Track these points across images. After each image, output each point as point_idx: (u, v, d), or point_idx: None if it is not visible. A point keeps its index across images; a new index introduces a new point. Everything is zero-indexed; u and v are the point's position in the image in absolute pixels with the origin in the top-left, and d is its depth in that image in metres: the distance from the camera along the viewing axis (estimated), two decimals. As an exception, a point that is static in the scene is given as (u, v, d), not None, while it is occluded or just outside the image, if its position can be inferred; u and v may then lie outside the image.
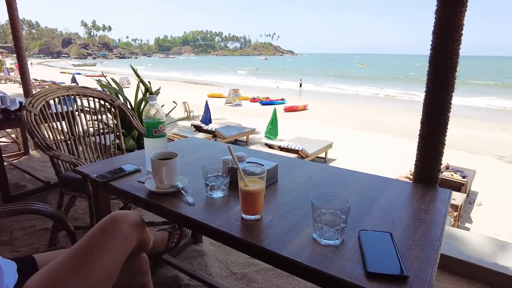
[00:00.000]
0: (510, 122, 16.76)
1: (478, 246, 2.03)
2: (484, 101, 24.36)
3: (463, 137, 12.60)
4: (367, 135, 12.49)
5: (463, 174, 7.21)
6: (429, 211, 1.09)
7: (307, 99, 22.55)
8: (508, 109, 21.24)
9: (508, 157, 10.19)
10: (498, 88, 33.20)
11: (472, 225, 6.35)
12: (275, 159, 1.51)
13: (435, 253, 0.85)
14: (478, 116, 18.27)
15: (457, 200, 5.82)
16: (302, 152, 8.35)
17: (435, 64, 1.25)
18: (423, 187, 1.29)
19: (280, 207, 1.11)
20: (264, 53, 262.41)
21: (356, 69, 67.84)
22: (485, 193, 7.54)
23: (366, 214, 1.07)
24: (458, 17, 1.21)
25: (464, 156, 10.04)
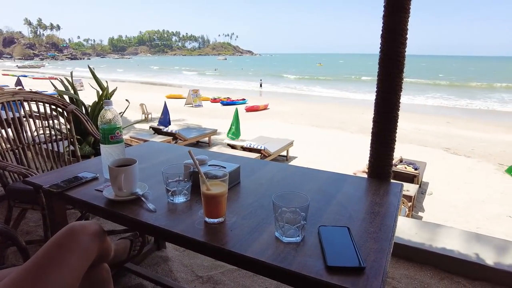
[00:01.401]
0: (454, 116, 18.13)
1: (429, 233, 2.19)
2: (432, 98, 26.11)
3: (414, 131, 13.42)
4: (326, 132, 12.89)
5: (415, 166, 7.68)
6: (383, 204, 1.16)
7: (268, 99, 22.81)
8: (450, 106, 22.93)
9: (453, 148, 11.02)
10: (443, 86, 35.71)
11: (425, 213, 6.79)
12: (237, 160, 1.52)
13: (388, 243, 0.92)
14: (426, 111, 19.58)
15: (411, 191, 6.19)
16: (264, 151, 8.45)
17: (384, 66, 1.33)
18: (377, 181, 1.36)
19: (243, 208, 1.13)
20: (223, 53, 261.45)
21: (314, 68, 69.69)
22: (435, 183, 8.09)
23: (325, 210, 1.11)
24: (402, 22, 1.30)
25: (415, 149, 10.70)
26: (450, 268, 1.94)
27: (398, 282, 1.86)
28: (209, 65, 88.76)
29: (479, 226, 6.25)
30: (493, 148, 11.09)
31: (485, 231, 6.07)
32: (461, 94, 28.26)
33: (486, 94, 28.72)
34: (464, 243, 2.07)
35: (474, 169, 9.23)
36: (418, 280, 1.88)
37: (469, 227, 6.18)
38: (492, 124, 15.68)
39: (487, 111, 20.95)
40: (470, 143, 11.75)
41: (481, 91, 30.78)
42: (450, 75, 50.76)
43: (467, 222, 6.37)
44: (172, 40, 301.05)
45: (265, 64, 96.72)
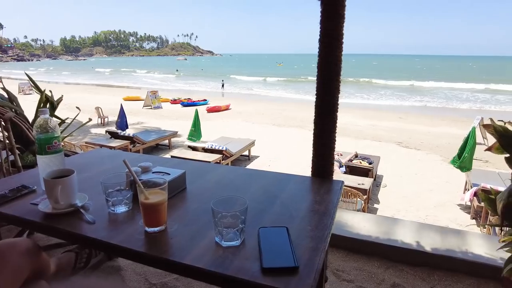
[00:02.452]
0: (405, 111, 19.22)
1: (376, 226, 2.31)
2: (385, 96, 27.46)
3: (369, 127, 14.06)
4: (287, 131, 13.14)
5: (369, 160, 8.06)
6: (322, 202, 1.21)
7: (230, 99, 22.77)
8: (402, 103, 24.28)
9: (405, 142, 11.69)
10: (394, 85, 37.73)
11: (380, 205, 7.15)
12: (185, 166, 1.51)
13: (323, 241, 0.96)
14: (380, 108, 20.59)
15: (366, 184, 6.49)
16: (226, 152, 8.44)
17: (322, 69, 1.39)
18: (319, 180, 1.42)
19: (186, 214, 1.13)
20: (183, 53, 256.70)
21: (274, 68, 70.54)
22: (389, 175, 8.55)
23: (267, 211, 1.14)
24: (338, 28, 1.37)
25: (370, 144, 11.23)
26: (394, 257, 2.06)
27: (348, 274, 1.95)
28: (168, 65, 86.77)
29: (428, 214, 6.70)
30: (440, 141, 11.91)
31: (433, 218, 6.53)
32: (412, 92, 29.99)
33: (433, 91, 30.70)
34: (407, 232, 2.21)
35: (423, 160, 9.87)
36: (366, 271, 1.98)
37: (419, 215, 6.61)
38: (438, 119, 16.84)
39: (434, 107, 22.42)
40: (419, 136, 12.53)
41: (429, 89, 32.85)
42: (403, 73, 53.71)
43: (418, 210, 6.80)
44: (130, 40, 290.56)
45: (226, 65, 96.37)
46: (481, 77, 43.55)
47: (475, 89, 31.75)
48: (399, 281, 1.92)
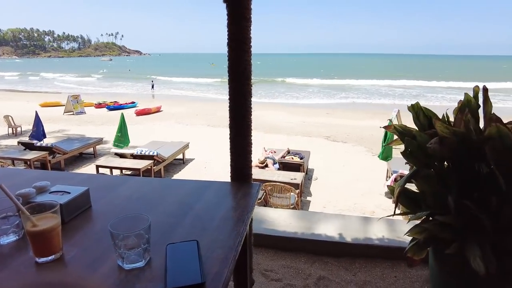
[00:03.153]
0: (332, 108, 20.46)
1: (302, 222, 2.39)
2: (313, 93, 28.91)
3: (299, 124, 14.67)
4: (222, 131, 13.08)
5: (300, 155, 8.40)
6: (238, 208, 1.20)
7: (161, 101, 21.95)
8: (326, 101, 25.83)
9: (333, 136, 12.43)
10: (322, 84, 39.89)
11: (312, 197, 7.49)
12: (92, 181, 1.39)
13: (234, 251, 0.94)
14: (309, 106, 21.66)
15: (298, 179, 6.75)
16: (158, 157, 8.10)
17: (232, 73, 1.38)
18: (238, 184, 1.41)
19: (88, 237, 1.02)
20: (108, 54, 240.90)
21: (207, 68, 69.79)
22: (319, 169, 9.00)
23: (179, 224, 1.09)
24: (245, 31, 1.36)
25: (301, 140, 11.72)
26: (320, 251, 2.16)
27: (276, 273, 1.98)
28: (91, 67, 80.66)
29: (356, 202, 7.20)
30: (364, 133, 12.89)
31: (361, 205, 7.02)
32: (339, 89, 32.02)
33: (357, 88, 33.16)
34: (330, 226, 2.32)
35: (350, 152, 10.59)
36: (294, 268, 2.03)
37: (348, 204, 7.06)
38: (362, 113, 18.23)
39: (359, 103, 24.22)
40: (346, 130, 13.42)
41: (354, 86, 35.40)
42: (331, 72, 56.99)
43: (346, 200, 7.27)
44: (45, 40, 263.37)
45: (155, 65, 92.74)
46: (398, 74, 48.16)
47: (392, 85, 34.97)
48: (325, 274, 2.00)
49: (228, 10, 1.34)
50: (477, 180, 1.70)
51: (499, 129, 1.58)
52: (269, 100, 24.30)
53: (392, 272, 2.08)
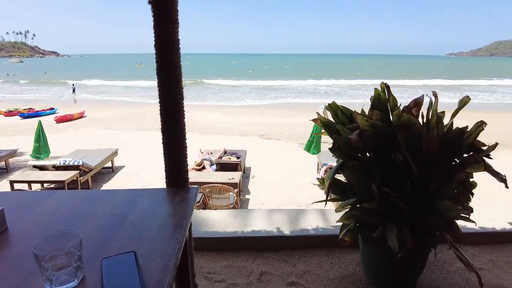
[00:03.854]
0: (265, 107, 21.00)
1: (241, 220, 2.42)
2: (246, 94, 29.30)
3: (234, 123, 14.78)
4: (153, 134, 12.57)
5: (237, 155, 8.48)
6: (175, 214, 1.17)
7: (84, 106, 20.30)
8: (259, 101, 26.46)
9: (267, 134, 12.77)
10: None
11: (251, 195, 7.61)
12: (5, 200, 1.24)
13: (174, 258, 0.92)
14: (243, 106, 21.94)
15: (236, 178, 6.80)
16: (84, 167, 7.49)
17: (162, 76, 1.34)
18: (174, 190, 1.38)
19: (5, 264, 0.92)
20: (17, 55, 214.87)
21: (134, 70, 66.31)
22: (256, 166, 9.18)
23: (113, 237, 1.03)
24: (172, 32, 1.33)
25: (237, 139, 11.83)
26: (259, 247, 2.21)
27: (219, 275, 1.98)
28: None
29: (292, 196, 7.50)
30: (295, 130, 13.47)
31: (296, 198, 7.34)
32: (269, 89, 32.91)
33: (285, 88, 34.46)
34: (268, 221, 2.39)
35: (283, 149, 10.98)
36: (236, 267, 2.05)
37: (284, 198, 7.33)
38: (292, 111, 19.03)
39: (289, 102, 25.20)
40: (278, 128, 13.89)
41: (283, 86, 36.72)
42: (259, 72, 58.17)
43: (283, 194, 7.54)
44: None
45: (76, 67, 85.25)
46: (320, 74, 51.13)
47: (317, 84, 37.05)
48: (266, 269, 2.06)
49: (154, 12, 1.30)
50: (394, 167, 1.90)
51: (409, 119, 1.79)
52: (202, 101, 24.05)
53: (328, 259, 2.22)
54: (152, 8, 1.30)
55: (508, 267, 2.27)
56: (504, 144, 10.52)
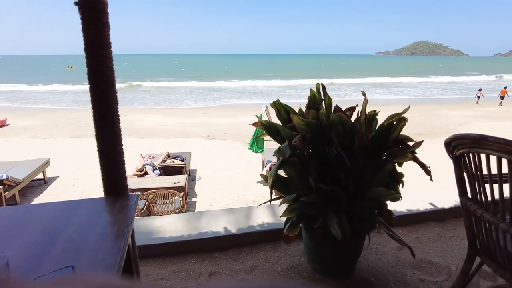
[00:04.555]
0: (208, 107, 20.84)
1: (188, 223, 2.40)
2: (188, 95, 28.72)
3: (177, 125, 14.44)
4: (89, 141, 11.79)
5: (182, 158, 8.31)
6: (116, 223, 1.14)
7: (5, 113, 18.26)
8: (201, 101, 26.17)
9: (211, 135, 12.69)
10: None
11: (198, 197, 7.52)
12: None
13: (116, 267, 0.91)
14: (185, 107, 21.52)
15: (181, 181, 6.67)
16: (9, 181, 6.76)
17: (94, 81, 1.29)
18: (113, 199, 1.34)
19: None
20: None
21: (64, 72, 61.15)
22: (202, 168, 9.09)
23: (47, 253, 0.98)
24: (103, 36, 1.29)
25: (181, 142, 11.58)
26: (207, 248, 2.22)
27: (167, 280, 1.95)
28: None
29: (239, 195, 7.57)
30: (239, 129, 13.57)
31: (244, 197, 7.42)
32: (210, 90, 32.65)
33: (226, 89, 34.51)
34: (216, 221, 2.41)
35: (229, 149, 11.01)
36: (184, 270, 2.04)
37: (232, 198, 7.37)
38: (235, 111, 19.13)
39: (232, 102, 25.27)
40: (223, 128, 13.88)
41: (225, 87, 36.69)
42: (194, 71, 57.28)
43: (230, 194, 7.57)
44: None
45: (-8, 70, 76.17)
46: (257, 74, 52.03)
47: (257, 85, 37.52)
48: (215, 269, 2.07)
49: (82, 14, 1.25)
50: (330, 161, 2.04)
51: (340, 117, 1.93)
52: (141, 104, 22.98)
53: (274, 252, 2.30)
54: (79, 10, 1.24)
55: (429, 242, 2.56)
56: (425, 133, 11.75)
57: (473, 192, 1.40)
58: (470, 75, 54.24)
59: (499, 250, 1.37)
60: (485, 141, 1.18)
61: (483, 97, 22.09)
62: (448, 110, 18.90)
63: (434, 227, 2.77)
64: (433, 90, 32.66)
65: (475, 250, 1.55)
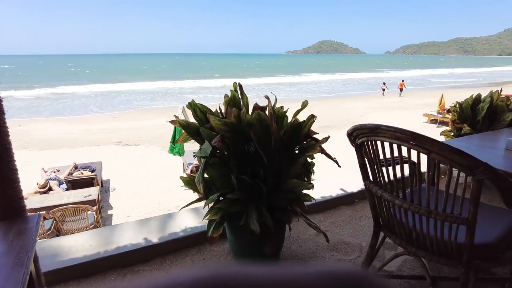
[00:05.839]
0: (117, 111, 19.46)
1: (103, 239, 2.21)
2: (86, 98, 26.33)
3: (84, 133, 13.17)
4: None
5: (91, 168, 7.61)
6: (12, 251, 0.99)
7: None
8: (115, 112, 24.36)
9: (124, 141, 11.89)
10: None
11: (114, 209, 6.99)
12: None
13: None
14: (91, 112, 19.72)
15: (93, 194, 6.11)
16: None
17: (-31, 88, 1.09)
18: (7, 223, 1.15)
19: None
20: None
21: None
22: (116, 178, 8.46)
23: None
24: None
25: (89, 151, 10.60)
26: (128, 263, 2.07)
27: (83, 305, 1.77)
28: None
29: (160, 202, 7.25)
30: (155, 132, 12.99)
31: (165, 204, 7.14)
32: (116, 92, 30.47)
33: (132, 92, 32.67)
34: (135, 233, 2.27)
35: (144, 154, 10.46)
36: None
37: (152, 206, 7.03)
38: (149, 113, 18.28)
39: (144, 104, 24.00)
40: (136, 132, 13.12)
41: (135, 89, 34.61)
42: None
43: (150, 202, 7.21)
44: None
45: None
46: (175, 75, 50.62)
47: (167, 86, 36.22)
48: (138, 283, 1.95)
49: None
50: (249, 158, 2.08)
51: (259, 115, 1.99)
52: (36, 113, 20.22)
53: (200, 256, 2.27)
54: None
55: (343, 224, 2.81)
56: (334, 125, 12.87)
57: (374, 175, 1.58)
58: (371, 72, 61.26)
59: (396, 223, 1.57)
60: (379, 130, 1.34)
61: (387, 90, 25.19)
62: (353, 103, 21.01)
63: (346, 210, 3.05)
64: (339, 85, 35.93)
65: (379, 226, 1.75)
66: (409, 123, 13.05)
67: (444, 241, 1.44)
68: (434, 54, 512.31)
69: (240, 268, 0.20)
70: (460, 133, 3.65)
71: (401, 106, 18.89)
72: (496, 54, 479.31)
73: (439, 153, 1.28)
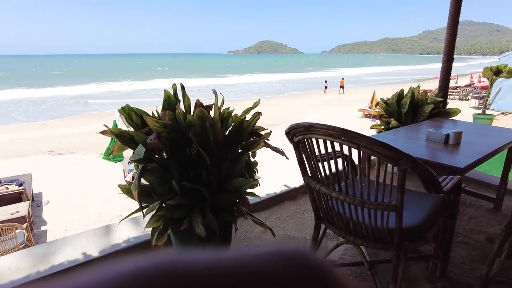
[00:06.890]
0: (49, 117, 17.88)
1: (35, 259, 2.03)
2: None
3: (8, 143, 11.90)
4: None
5: (19, 182, 6.90)
6: None
7: None
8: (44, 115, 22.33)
9: (56, 149, 10.97)
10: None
11: (48, 225, 6.42)
12: None
13: None
14: (16, 120, 17.85)
15: (22, 210, 5.54)
16: None
17: None
18: None
19: None
20: None
21: None
22: (49, 190, 7.77)
23: None
24: None
25: (15, 162, 9.62)
26: (64, 281, 1.92)
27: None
28: None
29: (101, 212, 6.82)
30: (91, 139, 12.17)
31: (107, 213, 6.73)
32: (43, 97, 28.00)
33: (58, 97, 30.32)
34: (72, 248, 2.11)
35: (81, 163, 9.76)
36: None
37: (93, 217, 6.59)
38: (84, 118, 17.08)
39: (80, 110, 22.35)
40: (70, 139, 12.19)
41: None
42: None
43: (90, 213, 6.75)
44: None
45: None
46: (112, 76, 47.91)
47: (105, 89, 34.17)
48: (77, 302, 1.82)
49: None
50: (190, 161, 2.05)
51: (202, 112, 1.95)
52: None
53: (146, 265, 2.18)
54: None
55: (288, 219, 2.91)
56: (277, 123, 13.20)
57: (312, 170, 1.66)
58: (309, 71, 63.72)
59: (335, 215, 1.67)
60: (313, 128, 1.41)
61: (329, 87, 26.48)
62: (296, 101, 21.74)
63: (290, 205, 3.15)
64: (280, 85, 36.87)
65: (320, 219, 1.84)
66: (346, 118, 13.87)
67: (377, 228, 1.56)
68: (366, 53, 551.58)
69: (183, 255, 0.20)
70: (388, 126, 3.97)
71: (339, 103, 20.01)
72: (418, 53, 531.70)
73: (368, 147, 1.38)
